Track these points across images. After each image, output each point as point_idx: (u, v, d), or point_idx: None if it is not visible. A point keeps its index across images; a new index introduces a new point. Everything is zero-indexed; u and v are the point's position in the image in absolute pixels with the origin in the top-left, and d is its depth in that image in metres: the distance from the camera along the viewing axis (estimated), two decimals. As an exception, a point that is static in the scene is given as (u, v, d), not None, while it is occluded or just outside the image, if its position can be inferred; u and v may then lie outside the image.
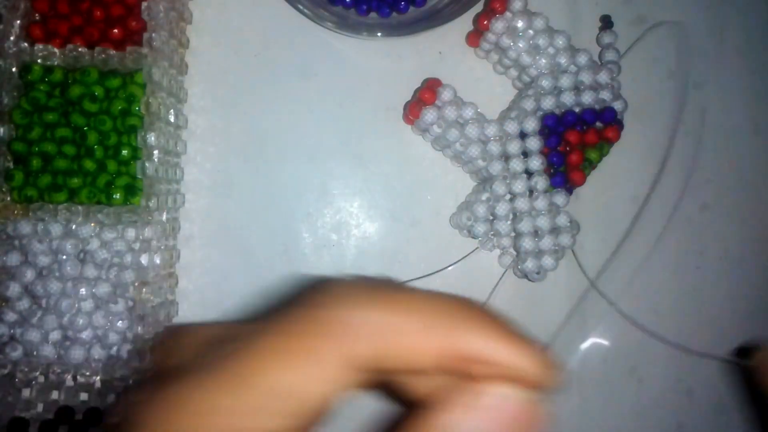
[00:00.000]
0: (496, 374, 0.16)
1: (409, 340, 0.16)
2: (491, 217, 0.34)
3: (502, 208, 0.34)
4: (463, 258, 0.36)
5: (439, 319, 0.16)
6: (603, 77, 0.34)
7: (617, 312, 0.36)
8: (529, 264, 0.34)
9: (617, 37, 0.36)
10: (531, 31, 0.34)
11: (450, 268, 0.36)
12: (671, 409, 0.37)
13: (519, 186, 0.33)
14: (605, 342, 0.37)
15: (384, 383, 0.19)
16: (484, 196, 0.35)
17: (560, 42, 0.34)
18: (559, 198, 0.34)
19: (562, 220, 0.34)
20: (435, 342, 0.16)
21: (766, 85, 0.39)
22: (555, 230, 0.34)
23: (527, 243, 0.34)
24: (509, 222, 0.34)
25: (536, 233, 0.34)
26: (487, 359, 0.16)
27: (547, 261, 0.34)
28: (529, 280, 0.35)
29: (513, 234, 0.34)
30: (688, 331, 0.37)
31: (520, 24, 0.34)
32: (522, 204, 0.34)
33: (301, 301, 0.18)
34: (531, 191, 0.34)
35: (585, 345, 0.37)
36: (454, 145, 0.34)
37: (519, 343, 0.16)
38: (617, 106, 0.34)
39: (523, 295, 0.37)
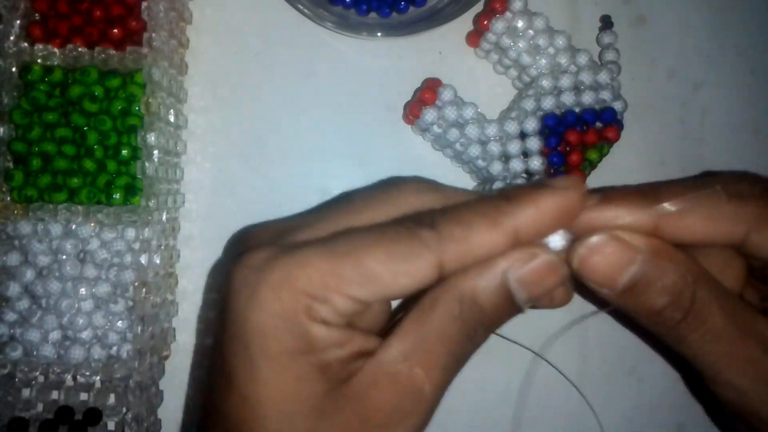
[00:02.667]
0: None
1: (482, 238, 0.20)
2: None
3: None
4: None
5: (496, 211, 0.21)
6: (603, 77, 0.34)
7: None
8: None
9: (617, 37, 0.36)
10: (531, 31, 0.34)
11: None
12: (671, 409, 0.37)
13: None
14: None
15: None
16: None
17: (560, 42, 0.34)
18: None
19: None
20: (501, 233, 0.20)
21: (765, 85, 0.39)
22: None
23: None
24: None
25: None
26: (534, 230, 0.21)
27: None
28: None
29: None
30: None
31: (520, 24, 0.34)
32: None
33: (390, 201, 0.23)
34: None
35: (584, 345, 0.37)
36: (454, 146, 0.34)
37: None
38: (617, 106, 0.34)
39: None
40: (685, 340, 0.23)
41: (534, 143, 0.34)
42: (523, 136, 0.34)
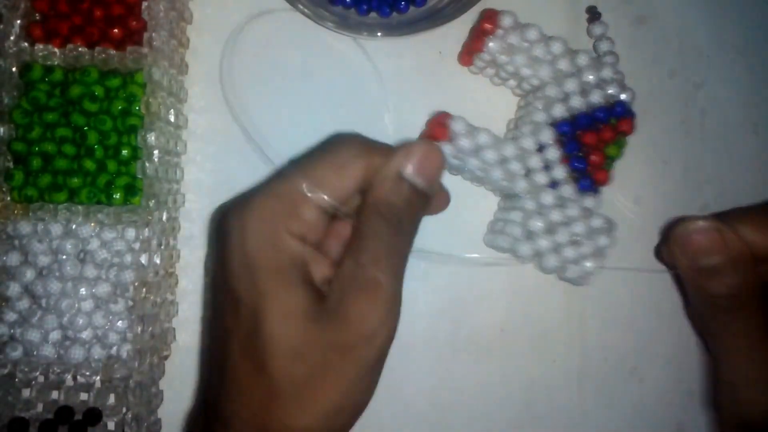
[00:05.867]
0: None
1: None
2: (527, 236, 0.34)
3: (536, 225, 0.33)
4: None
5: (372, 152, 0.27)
6: (606, 73, 0.34)
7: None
8: (572, 271, 0.33)
9: (608, 27, 0.35)
10: (526, 44, 0.34)
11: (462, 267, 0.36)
12: (671, 409, 0.37)
13: (547, 199, 0.33)
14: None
15: None
16: (514, 215, 0.34)
17: (557, 48, 0.34)
18: (589, 201, 0.33)
19: (597, 222, 0.33)
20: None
21: (765, 85, 0.39)
22: (592, 232, 0.33)
23: (568, 252, 0.33)
24: (546, 234, 0.33)
25: (574, 241, 0.33)
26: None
27: (590, 265, 0.33)
28: (574, 284, 0.34)
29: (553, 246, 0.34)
30: (689, 331, 0.37)
31: (513, 40, 0.33)
32: (554, 215, 0.33)
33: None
34: (560, 201, 0.33)
35: (585, 342, 0.37)
36: (475, 172, 0.33)
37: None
38: (626, 97, 0.34)
39: (523, 295, 0.37)
40: (718, 336, 0.31)
41: (552, 153, 0.33)
42: (540, 148, 0.33)
